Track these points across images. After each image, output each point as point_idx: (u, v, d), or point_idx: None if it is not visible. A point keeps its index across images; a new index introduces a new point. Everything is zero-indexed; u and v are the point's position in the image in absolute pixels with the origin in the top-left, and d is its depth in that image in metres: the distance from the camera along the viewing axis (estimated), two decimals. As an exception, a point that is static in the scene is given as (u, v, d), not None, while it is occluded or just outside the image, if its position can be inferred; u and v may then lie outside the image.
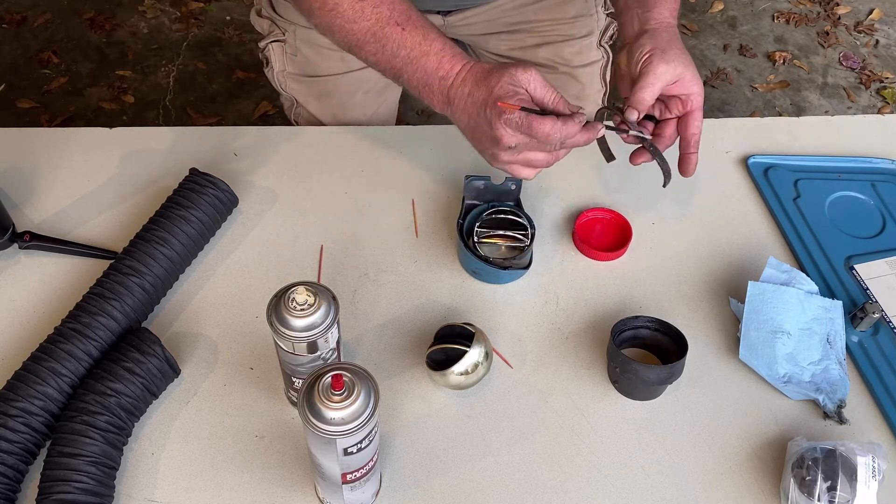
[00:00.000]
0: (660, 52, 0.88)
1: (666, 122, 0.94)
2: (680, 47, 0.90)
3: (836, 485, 0.75)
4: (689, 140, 0.92)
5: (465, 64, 0.83)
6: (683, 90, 0.90)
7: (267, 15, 1.20)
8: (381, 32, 0.83)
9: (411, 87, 0.86)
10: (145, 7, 2.73)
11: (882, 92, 2.60)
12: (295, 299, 0.72)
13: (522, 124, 0.79)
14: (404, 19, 0.83)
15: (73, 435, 0.76)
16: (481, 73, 0.82)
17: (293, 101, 1.26)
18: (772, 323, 0.90)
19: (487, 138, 0.82)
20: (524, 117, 0.79)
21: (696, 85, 0.90)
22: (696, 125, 0.92)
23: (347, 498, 0.74)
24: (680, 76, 0.88)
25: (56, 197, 1.04)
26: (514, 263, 0.96)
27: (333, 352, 0.78)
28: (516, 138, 0.80)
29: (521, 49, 1.23)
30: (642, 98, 0.88)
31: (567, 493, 0.80)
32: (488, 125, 0.81)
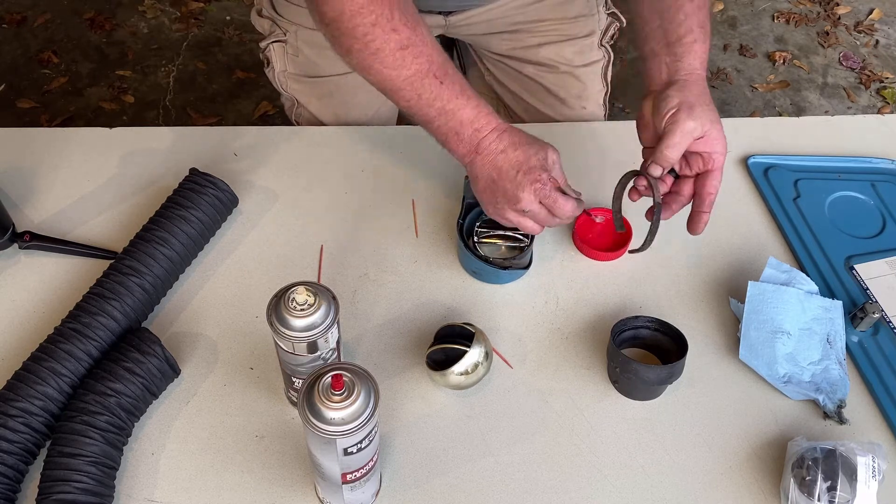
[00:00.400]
0: (687, 108, 0.86)
1: (684, 180, 0.92)
2: (707, 102, 0.88)
3: (836, 485, 0.75)
4: (705, 199, 0.90)
5: (501, 123, 0.88)
6: (706, 148, 0.88)
7: (268, 15, 1.20)
8: (420, 83, 0.85)
9: (439, 133, 0.89)
10: (145, 7, 2.73)
11: (882, 92, 2.60)
12: (295, 299, 0.72)
13: (549, 196, 0.86)
14: (442, 73, 0.86)
15: (73, 435, 0.76)
16: (521, 139, 0.88)
17: (294, 101, 1.26)
18: (772, 323, 0.90)
19: (506, 195, 0.87)
20: (553, 191, 0.86)
21: (720, 144, 0.88)
22: (714, 185, 0.89)
23: (347, 498, 0.74)
24: (706, 133, 0.86)
25: (56, 197, 1.04)
26: (514, 263, 0.96)
27: (333, 352, 0.78)
28: (532, 205, 0.86)
29: (522, 48, 1.23)
30: (668, 156, 0.87)
31: (567, 493, 0.80)
32: (514, 185, 0.86)
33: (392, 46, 0.84)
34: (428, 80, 0.86)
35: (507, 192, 0.87)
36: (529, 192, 0.85)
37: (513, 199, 0.86)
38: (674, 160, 0.87)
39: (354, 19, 0.83)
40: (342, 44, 0.87)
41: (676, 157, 0.87)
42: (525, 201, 0.86)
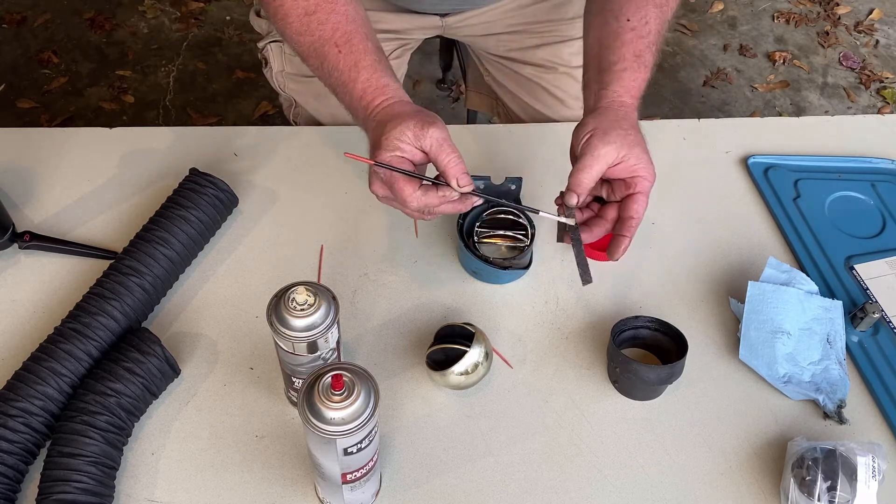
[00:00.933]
0: (601, 133, 0.82)
1: (610, 205, 0.88)
2: (626, 127, 0.83)
3: (836, 485, 0.75)
4: (625, 222, 0.85)
5: (385, 101, 0.83)
6: (626, 173, 0.84)
7: (266, 15, 1.20)
8: (322, 50, 0.84)
9: (343, 106, 0.87)
10: (145, 7, 2.73)
11: (882, 92, 2.60)
12: (295, 299, 0.72)
13: (386, 181, 0.81)
14: (344, 41, 0.83)
15: (73, 435, 0.76)
16: (388, 117, 0.81)
17: (292, 101, 1.26)
18: (772, 323, 0.90)
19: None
20: (389, 175, 0.79)
21: (643, 168, 0.83)
22: (636, 209, 0.84)
23: (347, 498, 0.74)
24: (623, 158, 0.82)
25: (56, 197, 1.04)
26: (514, 263, 0.96)
27: (333, 352, 0.78)
28: (383, 190, 0.82)
29: (519, 50, 1.23)
30: (580, 180, 0.82)
31: (567, 493, 0.80)
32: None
33: (299, 12, 0.84)
34: (328, 47, 0.84)
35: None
36: (372, 173, 0.81)
37: (369, 179, 0.83)
38: (587, 185, 0.83)
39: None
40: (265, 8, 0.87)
41: (590, 183, 0.83)
42: (374, 185, 0.82)
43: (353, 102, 0.84)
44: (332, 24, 0.84)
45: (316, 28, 0.84)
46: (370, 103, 0.83)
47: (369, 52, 0.84)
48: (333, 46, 0.83)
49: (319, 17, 0.84)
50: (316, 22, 0.84)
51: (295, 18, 0.84)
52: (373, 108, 0.83)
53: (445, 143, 0.79)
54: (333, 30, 0.84)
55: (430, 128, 0.78)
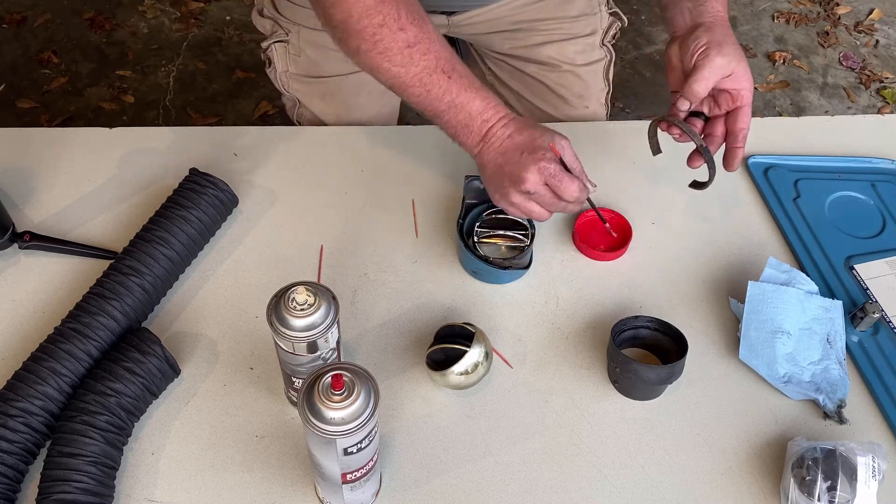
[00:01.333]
0: (716, 46, 0.90)
1: (715, 121, 0.96)
2: (734, 42, 0.92)
3: (836, 485, 0.75)
4: (738, 134, 0.94)
5: (509, 112, 0.90)
6: (735, 85, 0.92)
7: (269, 15, 1.20)
8: (429, 79, 0.87)
9: (449, 126, 0.90)
10: (145, 7, 2.73)
11: (882, 92, 2.60)
12: (295, 299, 0.72)
13: (555, 176, 0.86)
14: (450, 68, 0.88)
15: (73, 435, 0.76)
16: (526, 123, 0.89)
17: (296, 101, 1.26)
18: (772, 323, 0.90)
19: (511, 177, 0.87)
20: (559, 171, 0.86)
21: (746, 80, 0.92)
22: (745, 120, 0.93)
23: (347, 498, 0.74)
24: (734, 70, 0.90)
25: (56, 197, 1.04)
26: (514, 263, 0.96)
27: (333, 352, 0.78)
28: (537, 187, 0.86)
29: (524, 48, 1.23)
30: (696, 90, 0.91)
31: (567, 493, 0.80)
32: (519, 166, 0.86)
33: (400, 45, 0.86)
34: (436, 75, 0.87)
35: (512, 174, 0.87)
36: (534, 172, 0.86)
37: (518, 179, 0.86)
38: (701, 94, 0.91)
39: (362, 21, 0.84)
40: (350, 45, 0.88)
41: (704, 92, 0.90)
42: (530, 182, 0.86)
43: (471, 117, 0.89)
44: (435, 54, 0.87)
45: (420, 59, 0.87)
46: (496, 114, 0.89)
47: (474, 77, 0.90)
48: (441, 73, 0.87)
49: (421, 49, 0.87)
50: (419, 53, 0.86)
51: (396, 52, 0.86)
52: (500, 117, 0.89)
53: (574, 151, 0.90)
54: (437, 58, 0.87)
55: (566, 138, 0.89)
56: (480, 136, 0.89)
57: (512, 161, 0.87)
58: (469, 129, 0.89)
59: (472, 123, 0.89)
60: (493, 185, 0.91)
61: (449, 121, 0.90)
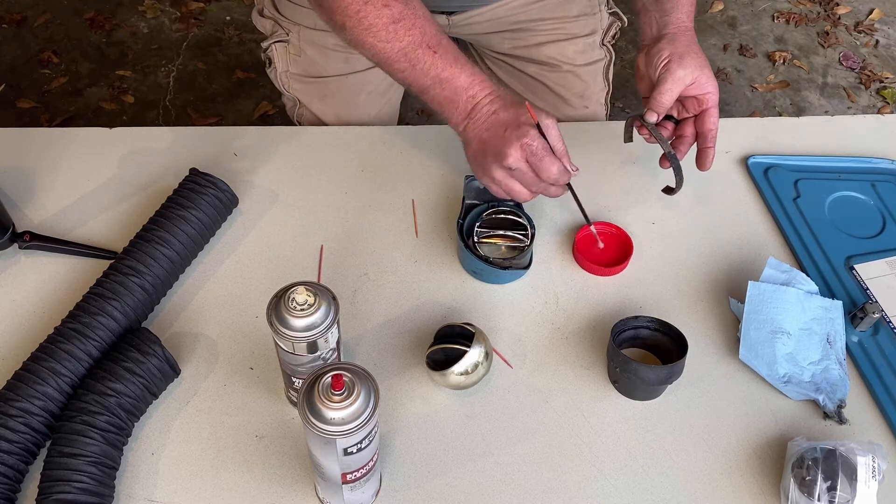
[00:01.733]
0: (677, 58, 0.94)
1: (685, 122, 1.00)
2: (696, 50, 0.96)
3: (836, 485, 0.75)
4: (707, 135, 0.98)
5: (496, 88, 0.90)
6: (700, 90, 0.96)
7: (270, 15, 1.20)
8: (413, 54, 0.88)
9: (434, 102, 0.91)
10: (145, 7, 2.73)
11: (882, 92, 2.60)
12: (295, 299, 0.72)
13: (536, 154, 0.86)
14: (435, 43, 0.88)
15: (73, 435, 0.76)
16: (512, 100, 0.89)
17: (296, 101, 1.26)
18: (772, 323, 0.90)
19: (494, 152, 0.88)
20: (542, 149, 0.86)
21: (710, 85, 0.96)
22: (713, 121, 0.97)
23: (347, 498, 0.74)
24: (696, 78, 0.95)
25: (56, 197, 1.04)
26: (514, 263, 0.96)
27: (333, 352, 0.78)
28: (519, 163, 0.87)
29: (524, 48, 1.23)
30: (661, 101, 0.95)
31: (567, 493, 0.80)
32: (502, 142, 0.86)
33: (384, 21, 0.86)
34: (421, 50, 0.88)
35: (495, 149, 0.87)
36: (516, 148, 0.86)
37: (500, 155, 0.87)
38: (666, 105, 0.95)
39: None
40: (335, 21, 0.89)
41: (669, 103, 0.95)
42: (512, 157, 0.86)
43: (456, 92, 0.89)
44: (420, 29, 0.88)
45: (404, 34, 0.87)
46: (482, 90, 0.89)
47: (460, 52, 0.90)
48: (427, 48, 0.88)
49: (406, 24, 0.87)
50: (403, 29, 0.87)
51: (381, 27, 0.87)
52: (487, 93, 0.89)
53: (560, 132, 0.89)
54: (422, 33, 0.88)
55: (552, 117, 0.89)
56: (466, 112, 0.89)
57: (496, 137, 0.87)
58: (454, 105, 0.89)
59: (458, 99, 0.89)
60: (476, 162, 0.91)
61: (434, 96, 0.90)
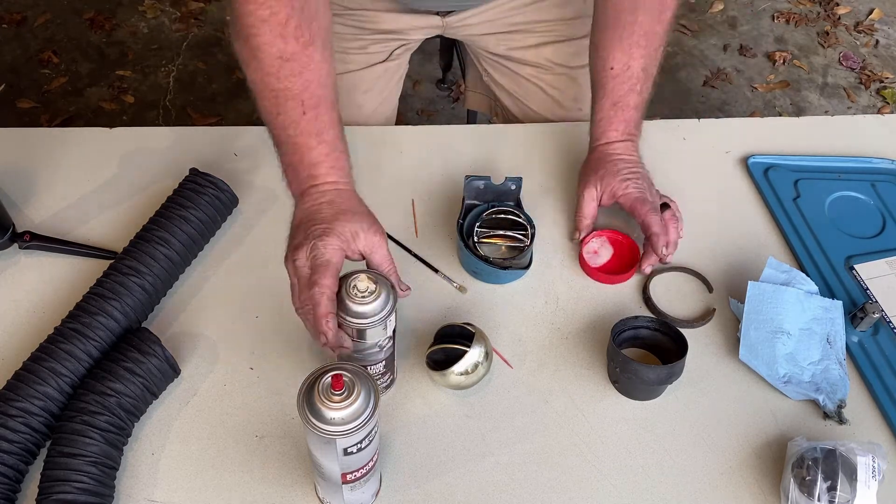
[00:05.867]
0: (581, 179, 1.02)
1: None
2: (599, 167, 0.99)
3: (836, 485, 0.75)
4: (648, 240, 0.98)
5: (339, 182, 0.82)
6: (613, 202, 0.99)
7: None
8: (285, 103, 0.81)
9: (282, 160, 0.84)
10: (145, 7, 2.73)
11: (882, 92, 2.60)
12: (357, 286, 0.74)
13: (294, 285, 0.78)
14: (312, 105, 0.81)
15: (73, 435, 0.76)
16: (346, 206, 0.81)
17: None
18: (772, 323, 0.90)
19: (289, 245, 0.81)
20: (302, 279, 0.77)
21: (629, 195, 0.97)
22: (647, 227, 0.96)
23: (347, 498, 0.74)
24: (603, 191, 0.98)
25: (56, 197, 1.04)
26: (514, 263, 0.96)
27: (390, 340, 0.79)
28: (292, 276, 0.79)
29: (519, 49, 1.23)
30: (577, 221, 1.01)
31: (567, 493, 0.80)
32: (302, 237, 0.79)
33: (273, 52, 0.80)
34: (293, 103, 0.81)
35: (293, 240, 0.80)
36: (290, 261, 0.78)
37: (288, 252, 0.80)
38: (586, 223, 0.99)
39: (249, 5, 0.79)
40: (233, 25, 0.83)
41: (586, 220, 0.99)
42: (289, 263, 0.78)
43: (301, 167, 0.82)
44: (304, 81, 0.81)
45: (286, 77, 0.80)
46: (322, 175, 0.82)
47: (334, 126, 0.83)
48: (299, 104, 0.81)
49: (293, 67, 0.80)
50: (288, 70, 0.80)
51: (267, 57, 0.80)
52: (326, 182, 0.82)
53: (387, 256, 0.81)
54: (303, 88, 0.81)
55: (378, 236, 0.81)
56: (301, 188, 0.82)
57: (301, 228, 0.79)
58: (296, 174, 0.82)
59: (301, 170, 0.82)
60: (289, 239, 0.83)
61: (283, 154, 0.83)
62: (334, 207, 0.80)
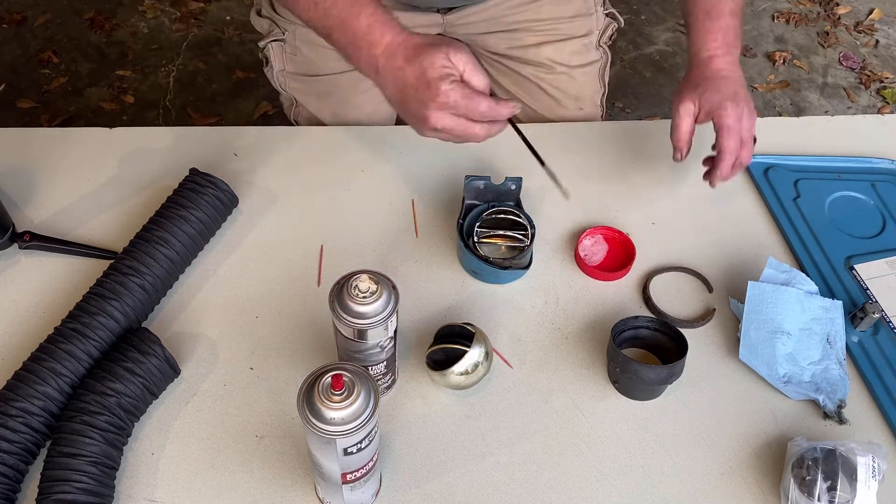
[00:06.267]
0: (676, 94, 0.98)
1: None
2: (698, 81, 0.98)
3: (836, 485, 0.75)
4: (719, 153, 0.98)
5: (396, 35, 0.81)
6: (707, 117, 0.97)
7: (267, 14, 1.20)
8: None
9: (339, 46, 0.84)
10: (145, 7, 2.73)
11: (882, 92, 2.60)
12: (358, 286, 0.74)
13: (458, 106, 0.79)
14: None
15: (73, 435, 0.76)
16: (413, 50, 0.80)
17: (293, 100, 1.26)
18: (772, 323, 0.90)
19: (415, 116, 0.82)
20: (462, 98, 0.78)
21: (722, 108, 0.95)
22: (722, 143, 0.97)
23: (347, 498, 0.74)
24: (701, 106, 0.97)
25: (56, 197, 1.04)
26: (514, 263, 0.96)
27: (391, 340, 0.79)
28: (443, 121, 0.80)
29: (520, 48, 1.23)
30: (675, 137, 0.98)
31: (567, 493, 0.80)
32: (418, 104, 0.80)
33: None
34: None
35: (416, 113, 0.81)
36: (434, 110, 0.79)
37: (423, 119, 0.80)
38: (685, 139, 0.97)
39: None
40: None
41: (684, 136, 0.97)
42: (432, 120, 0.80)
43: (357, 39, 0.82)
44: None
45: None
46: (381, 37, 0.81)
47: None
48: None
49: None
50: None
51: None
52: (386, 42, 0.81)
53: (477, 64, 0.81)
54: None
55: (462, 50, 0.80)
56: (371, 64, 0.82)
57: (409, 99, 0.80)
58: (359, 53, 0.82)
59: (360, 46, 0.81)
60: (404, 118, 0.84)
61: (338, 39, 0.83)
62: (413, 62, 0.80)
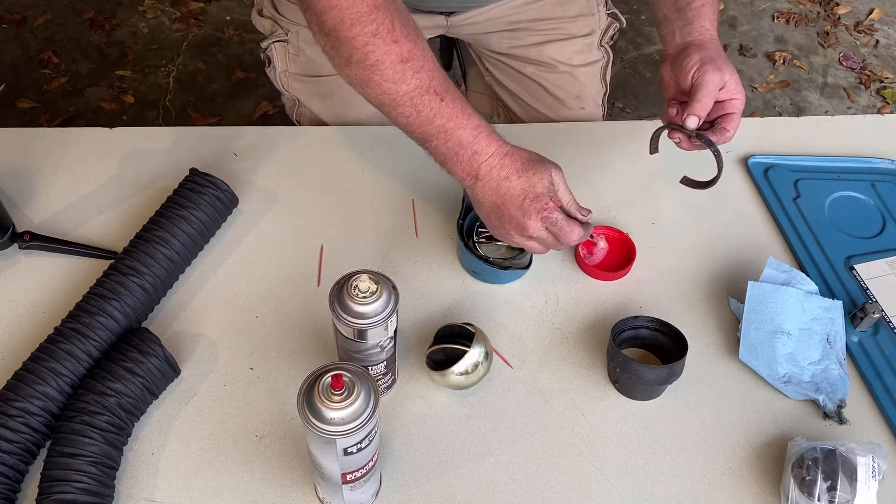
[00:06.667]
0: (710, 62, 0.93)
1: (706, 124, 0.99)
2: (723, 57, 0.96)
3: (836, 485, 0.75)
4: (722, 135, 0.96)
5: (502, 146, 0.86)
6: (726, 95, 0.95)
7: (269, 15, 1.20)
8: (420, 98, 0.83)
9: (437, 153, 0.87)
10: (145, 7, 2.73)
11: (882, 92, 2.60)
12: (358, 287, 0.74)
13: (556, 224, 0.85)
14: (443, 90, 0.84)
15: (73, 435, 0.76)
16: (523, 164, 0.85)
17: (295, 101, 1.26)
18: (772, 323, 0.90)
19: (512, 222, 0.86)
20: (561, 219, 0.85)
21: (737, 91, 0.95)
22: (733, 125, 0.96)
23: (347, 498, 0.74)
24: (726, 83, 0.94)
25: (56, 197, 1.04)
26: (514, 263, 0.96)
27: (391, 340, 0.79)
28: (540, 232, 0.86)
29: (522, 47, 1.23)
30: (704, 104, 0.94)
31: (567, 493, 0.80)
32: (521, 213, 0.85)
33: (392, 59, 0.82)
34: (428, 96, 0.83)
35: (513, 219, 0.85)
36: (536, 220, 0.85)
37: (520, 226, 0.85)
38: (707, 109, 0.94)
39: (355, 28, 0.80)
40: (341, 54, 0.84)
41: (709, 106, 0.94)
42: (532, 228, 0.85)
43: (461, 146, 0.85)
44: (428, 72, 0.83)
45: (412, 76, 0.82)
46: (486, 148, 0.85)
47: (467, 102, 0.86)
48: (433, 94, 0.83)
49: (414, 65, 0.82)
50: (411, 70, 0.82)
51: (388, 66, 0.82)
52: (491, 152, 0.85)
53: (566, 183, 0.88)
54: (430, 77, 0.83)
55: (559, 170, 0.87)
56: (471, 170, 0.86)
57: (513, 205, 0.85)
58: (458, 159, 0.86)
59: (462, 153, 0.85)
60: (491, 222, 0.89)
61: (437, 147, 0.86)
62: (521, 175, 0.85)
